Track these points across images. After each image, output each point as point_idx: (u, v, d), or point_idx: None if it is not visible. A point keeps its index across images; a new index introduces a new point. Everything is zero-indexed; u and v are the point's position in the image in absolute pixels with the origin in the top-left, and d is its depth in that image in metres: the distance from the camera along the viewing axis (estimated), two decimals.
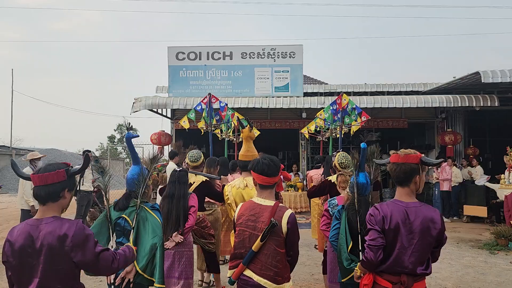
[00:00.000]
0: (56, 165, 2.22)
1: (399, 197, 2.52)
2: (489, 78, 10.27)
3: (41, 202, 2.16)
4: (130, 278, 2.96)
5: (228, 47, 14.15)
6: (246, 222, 2.76)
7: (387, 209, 2.46)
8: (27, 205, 7.06)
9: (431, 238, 2.41)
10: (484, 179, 10.91)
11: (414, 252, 2.38)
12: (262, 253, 2.67)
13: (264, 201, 2.79)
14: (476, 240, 8.48)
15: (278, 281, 2.66)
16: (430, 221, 2.41)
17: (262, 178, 2.80)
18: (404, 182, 2.50)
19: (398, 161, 2.50)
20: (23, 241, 2.07)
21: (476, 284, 5.61)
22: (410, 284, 2.40)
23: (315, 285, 5.54)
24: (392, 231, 2.40)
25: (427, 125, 15.05)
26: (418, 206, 2.46)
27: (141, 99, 12.92)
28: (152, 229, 3.00)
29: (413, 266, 2.38)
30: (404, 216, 2.40)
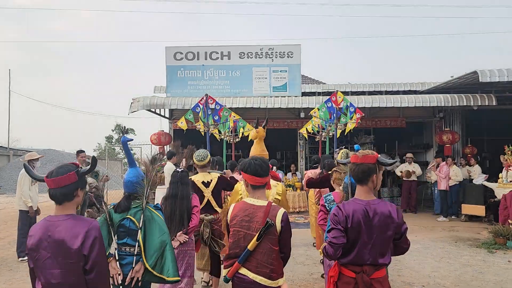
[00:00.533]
0: (66, 167, 2.39)
1: (359, 195, 2.69)
2: (487, 77, 10.29)
3: (57, 202, 2.36)
4: (139, 277, 3.04)
5: (226, 47, 14.14)
6: (240, 222, 2.83)
7: (349, 208, 2.63)
8: (25, 206, 7.04)
9: (389, 232, 2.60)
10: (482, 178, 10.94)
11: (374, 246, 2.58)
12: (257, 251, 2.76)
13: (257, 201, 2.87)
14: (475, 239, 8.50)
15: (273, 277, 2.76)
16: (387, 217, 2.59)
17: (255, 179, 2.89)
18: (363, 180, 2.67)
19: (357, 161, 2.67)
20: (41, 236, 2.29)
21: (475, 283, 5.62)
22: (371, 272, 2.59)
23: (314, 285, 5.54)
24: (355, 228, 2.58)
25: (425, 124, 15.08)
26: (376, 203, 2.63)
27: (139, 99, 12.90)
28: (159, 227, 3.11)
29: (374, 258, 2.59)
30: (364, 214, 2.58)
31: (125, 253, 3.09)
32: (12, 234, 8.96)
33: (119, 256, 3.09)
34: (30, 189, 7.09)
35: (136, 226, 3.09)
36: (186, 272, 4.00)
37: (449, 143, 13.00)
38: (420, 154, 15.12)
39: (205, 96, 8.85)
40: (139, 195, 3.17)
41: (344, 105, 8.46)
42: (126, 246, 3.11)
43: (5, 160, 25.88)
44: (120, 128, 3.42)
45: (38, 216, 7.40)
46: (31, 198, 7.06)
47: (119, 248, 3.12)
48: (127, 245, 3.11)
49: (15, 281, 5.89)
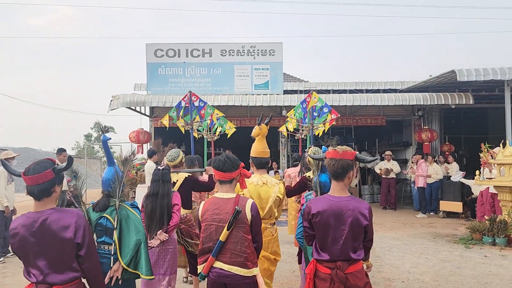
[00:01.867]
0: (43, 164, 2.43)
1: (333, 192, 2.72)
2: (464, 76, 10.51)
3: (36, 199, 2.41)
4: (118, 276, 3.05)
5: (208, 44, 14.05)
6: (211, 216, 2.90)
7: (319, 205, 2.69)
8: (1, 206, 6.86)
9: (360, 228, 2.63)
10: (460, 175, 11.18)
11: (346, 242, 2.61)
12: (229, 241, 2.83)
13: (225, 195, 2.98)
14: (452, 235, 8.67)
15: (248, 266, 2.83)
16: (359, 214, 2.62)
17: (219, 173, 3.00)
18: (340, 176, 2.69)
19: (336, 156, 2.67)
20: (25, 233, 2.33)
21: (453, 278, 5.73)
22: (345, 267, 2.62)
23: (296, 282, 5.56)
24: (323, 225, 2.64)
25: (405, 122, 15.31)
26: (349, 200, 2.66)
27: (119, 97, 12.72)
28: (135, 226, 3.12)
29: (346, 254, 2.62)
30: (335, 210, 2.62)
31: (103, 252, 3.09)
32: None
33: (98, 255, 3.03)
34: (6, 188, 6.91)
35: (112, 225, 3.09)
36: (167, 270, 3.96)
37: (427, 141, 13.23)
38: (400, 152, 15.36)
39: (188, 93, 8.75)
40: (113, 192, 3.17)
41: (318, 106, 8.46)
42: (104, 245, 3.12)
43: None
44: (100, 126, 3.37)
45: (14, 215, 7.22)
46: (7, 198, 6.89)
47: (98, 246, 3.11)
48: (105, 244, 3.12)
49: None
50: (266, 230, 3.82)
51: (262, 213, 3.78)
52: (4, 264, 6.67)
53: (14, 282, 5.73)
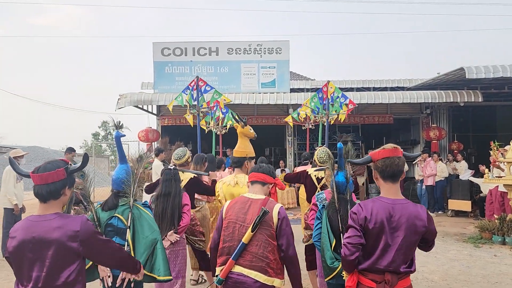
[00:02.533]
0: (56, 163, 2.24)
1: (387, 194, 2.41)
2: (473, 74, 10.41)
3: (42, 200, 2.19)
4: (130, 278, 2.91)
5: (214, 43, 14.07)
6: (236, 214, 2.77)
7: (371, 207, 2.36)
8: (10, 204, 6.90)
9: (416, 235, 2.34)
10: (469, 174, 11.08)
11: (398, 250, 2.30)
12: (252, 244, 2.66)
13: (254, 195, 2.86)
14: (461, 234, 8.60)
15: (269, 273, 2.64)
16: (416, 218, 2.33)
17: (254, 174, 2.93)
18: (397, 177, 2.40)
19: (391, 155, 2.39)
20: (24, 237, 2.11)
21: (462, 277, 5.68)
22: (394, 282, 2.31)
23: (304, 281, 5.53)
24: (376, 229, 2.32)
25: (413, 120, 15.22)
26: (404, 203, 2.37)
27: (126, 96, 12.77)
28: (149, 225, 3.02)
29: (397, 264, 2.31)
30: (389, 214, 2.32)
31: None
32: None
33: None
34: (15, 186, 6.96)
35: (125, 225, 3.00)
36: (179, 273, 3.88)
37: (436, 139, 13.14)
38: (408, 150, 15.20)
39: (195, 78, 8.71)
40: (127, 193, 3.07)
41: (335, 96, 8.46)
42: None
43: None
44: (114, 122, 3.27)
45: (23, 214, 7.27)
46: (16, 196, 6.93)
47: None
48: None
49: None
50: None
51: None
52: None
53: None
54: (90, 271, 2.95)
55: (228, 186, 3.94)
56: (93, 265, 2.95)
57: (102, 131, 47.45)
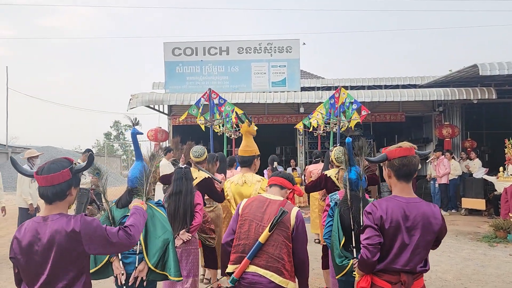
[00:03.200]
0: (60, 163, 2.19)
1: (401, 193, 2.37)
2: (487, 70, 10.27)
3: (47, 202, 2.15)
4: (143, 277, 2.96)
5: (225, 42, 14.09)
6: (254, 212, 2.76)
7: (386, 205, 2.32)
8: (25, 204, 7.01)
9: (432, 234, 2.31)
10: (482, 172, 10.93)
11: (415, 249, 2.27)
12: (268, 244, 2.64)
13: (273, 196, 2.89)
14: (475, 233, 8.50)
15: (284, 275, 2.62)
16: (431, 217, 2.30)
17: (276, 178, 3.01)
18: (411, 176, 2.38)
19: (408, 154, 2.36)
20: (30, 238, 2.08)
21: (476, 277, 5.62)
22: (410, 282, 2.27)
23: (316, 280, 5.53)
24: (392, 228, 2.28)
25: (425, 118, 15.08)
26: (418, 202, 2.35)
27: (137, 96, 12.87)
28: (161, 225, 3.02)
29: (413, 264, 2.27)
30: (404, 213, 2.28)
31: (128, 252, 3.00)
32: (12, 232, 8.89)
33: (122, 255, 3.01)
34: (30, 186, 7.06)
35: None
36: (190, 272, 3.87)
37: (448, 137, 13.00)
38: (420, 148, 14.91)
39: (208, 90, 8.79)
40: (140, 191, 3.08)
41: (347, 102, 8.38)
42: None
43: (4, 158, 25.80)
44: (130, 119, 3.29)
45: (38, 213, 7.38)
46: (31, 196, 7.04)
47: None
48: None
49: None
50: None
51: None
52: None
53: None
54: (104, 269, 3.00)
55: (236, 185, 3.96)
56: (107, 263, 2.99)
57: (114, 131, 47.88)
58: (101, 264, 2.97)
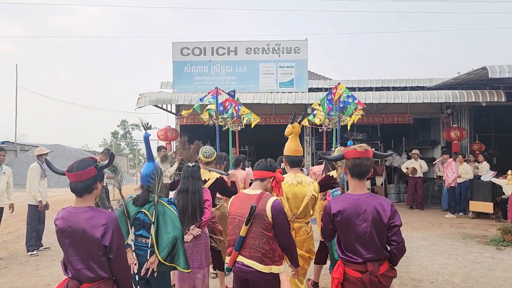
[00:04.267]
0: (86, 162, 2.52)
1: (353, 190, 2.70)
2: (497, 73, 10.21)
3: (77, 195, 2.49)
4: (154, 268, 3.13)
5: (233, 43, 14.12)
6: (235, 210, 3.03)
7: (338, 204, 2.68)
8: (35, 200, 7.08)
9: (382, 224, 2.59)
10: (490, 175, 10.86)
11: (370, 240, 2.57)
12: (249, 236, 2.92)
13: (252, 191, 3.08)
14: (483, 236, 8.45)
15: (266, 262, 2.87)
16: (380, 209, 2.59)
17: (256, 172, 3.15)
18: (364, 176, 2.68)
19: (362, 156, 2.66)
20: (62, 226, 2.44)
21: (484, 280, 5.59)
22: (376, 270, 2.57)
23: (322, 280, 5.53)
24: (344, 224, 2.63)
25: (433, 120, 15.00)
26: (369, 197, 2.65)
27: (145, 95, 12.93)
28: (172, 222, 3.18)
29: (373, 252, 2.57)
30: (355, 209, 2.60)
31: (141, 244, 3.19)
32: (21, 228, 9.04)
33: (136, 247, 3.18)
34: (40, 183, 7.13)
35: (150, 220, 3.17)
36: (202, 264, 4.03)
37: (456, 140, 12.93)
38: (428, 151, 15.04)
39: (215, 89, 8.81)
40: (152, 187, 3.23)
41: (344, 96, 8.31)
42: (142, 238, 3.21)
43: (13, 155, 26.03)
44: (141, 123, 3.42)
45: (47, 210, 7.45)
46: (40, 193, 7.10)
47: (135, 239, 3.22)
48: (143, 237, 3.21)
49: (24, 274, 5.94)
50: (301, 229, 3.87)
51: (297, 212, 3.81)
52: (38, 257, 6.90)
53: (48, 273, 5.93)
54: None
55: (290, 186, 3.88)
56: None
57: (121, 129, 48.13)
58: None
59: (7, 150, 26.54)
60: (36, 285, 5.47)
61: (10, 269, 6.21)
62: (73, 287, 2.42)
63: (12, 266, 6.36)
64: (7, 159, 25.13)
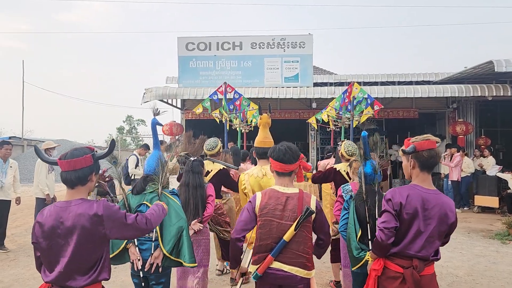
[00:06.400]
0: (82, 150, 2.29)
1: (422, 183, 2.50)
2: (503, 67, 10.15)
3: (70, 186, 2.24)
4: (158, 263, 3.03)
5: (238, 37, 14.12)
6: (273, 211, 2.65)
7: (405, 193, 2.44)
8: (42, 194, 7.16)
9: (446, 225, 2.43)
10: (496, 169, 10.83)
11: (430, 237, 2.39)
12: (293, 241, 2.62)
13: (287, 189, 2.73)
14: (488, 230, 8.45)
15: (309, 267, 2.65)
16: (448, 209, 2.43)
17: (279, 164, 2.75)
18: (434, 167, 2.53)
19: (434, 147, 2.51)
20: (52, 222, 2.15)
21: (488, 273, 5.61)
22: (421, 268, 2.39)
23: (327, 273, 5.57)
24: (410, 215, 2.40)
25: (438, 115, 14.94)
26: (437, 194, 2.47)
27: (151, 90, 12.98)
28: (176, 213, 3.08)
29: (426, 251, 2.40)
30: (422, 202, 2.41)
31: (144, 239, 3.08)
32: (29, 222, 9.16)
33: (138, 241, 3.08)
34: (47, 177, 7.21)
35: None
36: (201, 262, 3.95)
37: (462, 134, 12.88)
38: None
39: (223, 84, 8.84)
40: (155, 180, 3.15)
41: (360, 97, 8.36)
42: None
43: (20, 150, 26.22)
44: (152, 109, 3.34)
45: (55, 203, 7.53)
46: (47, 186, 7.18)
47: None
48: None
49: (32, 266, 5.96)
50: None
51: None
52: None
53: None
54: (121, 255, 3.07)
55: (256, 178, 3.89)
56: (124, 249, 3.06)
57: (126, 125, 48.28)
58: (118, 250, 3.03)
59: (14, 145, 26.76)
60: None
61: (18, 261, 6.30)
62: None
63: (20, 259, 6.45)
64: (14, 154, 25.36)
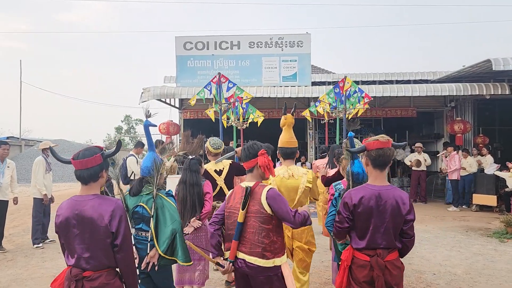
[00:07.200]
0: (92, 150, 2.51)
1: (374, 181, 2.71)
2: (501, 65, 10.16)
3: (83, 183, 2.48)
4: (154, 262, 3.13)
5: (236, 37, 14.10)
6: (235, 204, 2.91)
7: (359, 194, 2.67)
8: (40, 194, 7.15)
9: (401, 216, 2.63)
10: (494, 168, 10.85)
11: (387, 230, 2.62)
12: (247, 231, 2.82)
13: (248, 183, 2.95)
14: (486, 229, 8.46)
15: (267, 256, 2.78)
16: (400, 202, 2.63)
17: (245, 163, 3.00)
18: (386, 166, 2.70)
19: (383, 146, 2.67)
20: (69, 214, 2.41)
21: (486, 271, 5.61)
22: (385, 255, 2.64)
23: (325, 272, 5.58)
24: (366, 213, 2.64)
25: (436, 114, 14.95)
26: (389, 189, 2.67)
27: (149, 89, 12.96)
28: (170, 215, 3.18)
29: (387, 242, 2.64)
30: (376, 199, 2.63)
31: (141, 238, 3.20)
32: (26, 222, 9.13)
33: (136, 240, 3.18)
34: (45, 177, 7.20)
35: (149, 213, 3.17)
36: (202, 256, 3.99)
37: (460, 133, 12.89)
38: (431, 144, 15.02)
39: (217, 74, 8.82)
40: (150, 181, 3.22)
41: (352, 90, 8.45)
42: (142, 231, 3.22)
43: (17, 150, 26.19)
44: (144, 111, 3.40)
45: (52, 204, 7.52)
46: (45, 186, 7.17)
47: (136, 232, 3.22)
48: (142, 230, 3.22)
49: (30, 267, 6.01)
50: None
51: (292, 205, 3.78)
52: (43, 249, 6.97)
53: (53, 265, 6.00)
54: None
55: (282, 179, 3.83)
56: None
57: (124, 125, 48.22)
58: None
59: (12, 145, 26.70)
60: (41, 277, 5.54)
61: (16, 262, 6.29)
62: (76, 275, 2.39)
63: (18, 259, 6.44)
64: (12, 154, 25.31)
